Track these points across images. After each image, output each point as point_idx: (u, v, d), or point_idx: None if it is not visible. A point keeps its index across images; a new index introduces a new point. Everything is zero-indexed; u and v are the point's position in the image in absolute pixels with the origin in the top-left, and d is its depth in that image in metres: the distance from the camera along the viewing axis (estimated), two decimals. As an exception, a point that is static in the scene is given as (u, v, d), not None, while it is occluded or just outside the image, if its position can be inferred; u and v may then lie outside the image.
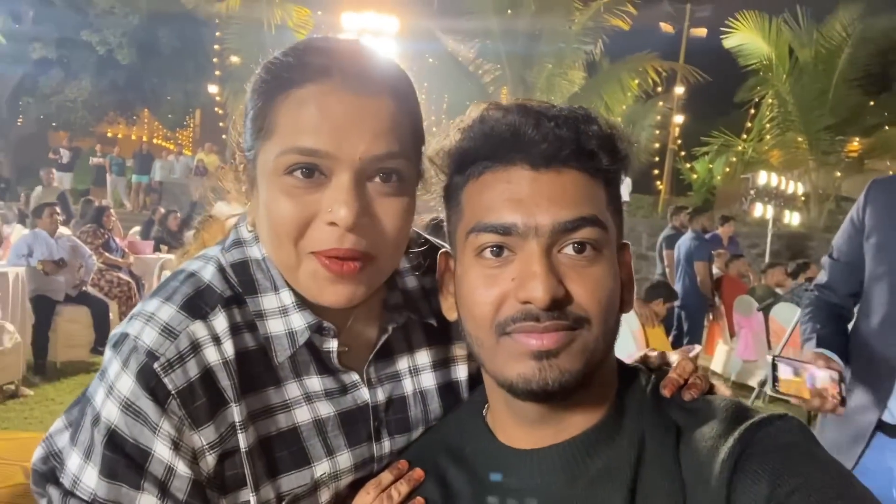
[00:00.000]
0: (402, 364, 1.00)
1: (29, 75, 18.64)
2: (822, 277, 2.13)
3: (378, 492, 0.90)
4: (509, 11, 15.47)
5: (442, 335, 1.02)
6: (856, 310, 2.03)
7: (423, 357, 1.02)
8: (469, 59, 16.37)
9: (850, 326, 2.03)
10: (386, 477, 0.91)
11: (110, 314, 6.95)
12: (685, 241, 7.74)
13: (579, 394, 0.79)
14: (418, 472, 0.90)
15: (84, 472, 0.81)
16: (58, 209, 7.04)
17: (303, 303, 0.90)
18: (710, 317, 8.16)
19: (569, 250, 0.77)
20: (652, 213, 17.95)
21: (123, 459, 0.81)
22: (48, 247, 6.57)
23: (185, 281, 0.89)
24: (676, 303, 6.80)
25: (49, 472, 0.85)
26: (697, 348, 5.15)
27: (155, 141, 23.25)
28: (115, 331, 0.87)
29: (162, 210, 11.63)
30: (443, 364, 1.03)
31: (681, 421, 0.80)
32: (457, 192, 0.84)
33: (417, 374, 1.01)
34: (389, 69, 0.87)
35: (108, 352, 0.86)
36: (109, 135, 22.62)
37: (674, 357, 0.92)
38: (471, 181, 0.82)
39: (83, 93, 18.76)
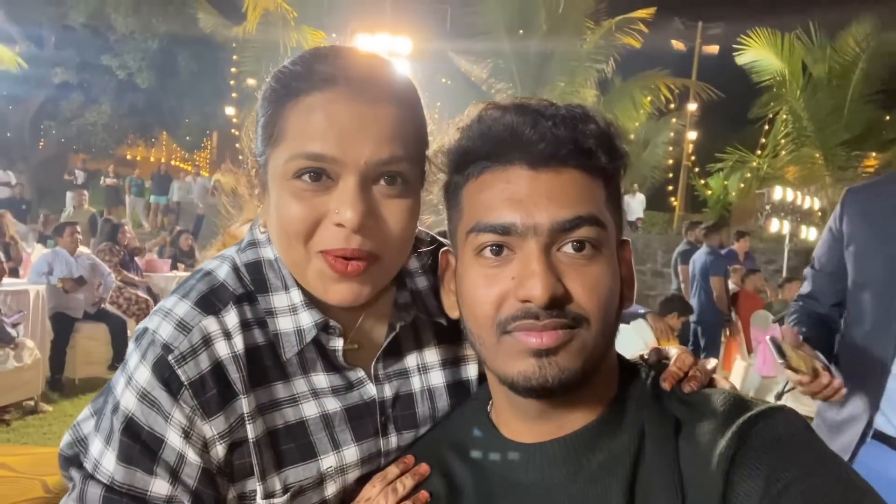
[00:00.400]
0: (411, 361, 1.02)
1: (50, 99, 19.03)
2: (805, 288, 2.12)
3: (384, 485, 0.91)
4: (521, 31, 15.58)
5: (452, 334, 1.03)
6: (842, 321, 2.01)
7: (433, 355, 1.03)
8: (482, 79, 16.47)
9: (837, 338, 2.00)
10: (392, 471, 0.93)
11: (128, 331, 7.02)
12: (700, 257, 7.68)
13: (580, 390, 0.80)
14: (424, 467, 0.91)
15: (104, 457, 0.86)
16: (78, 228, 7.17)
17: (311, 302, 0.93)
18: (728, 332, 8.08)
19: (568, 249, 0.77)
20: (667, 230, 17.89)
21: (139, 446, 0.85)
22: (68, 265, 6.68)
23: (202, 279, 0.94)
24: (692, 318, 6.75)
25: (74, 457, 0.90)
26: (714, 361, 5.09)
27: (173, 162, 23.58)
28: (139, 326, 0.92)
29: (178, 228, 11.78)
30: (452, 363, 1.05)
31: (680, 414, 0.81)
32: (457, 192, 0.85)
33: (426, 371, 1.03)
34: (394, 76, 0.90)
35: (130, 345, 0.91)
36: (129, 157, 22.99)
37: (673, 351, 0.93)
38: (470, 180, 0.83)
39: (103, 116, 19.10)
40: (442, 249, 0.93)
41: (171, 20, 17.74)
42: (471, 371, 1.06)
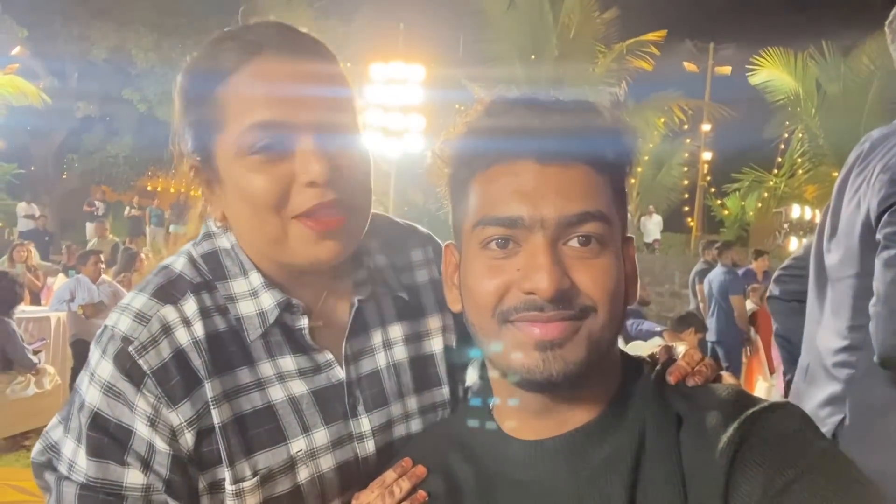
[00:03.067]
0: (376, 338, 1.03)
1: (73, 133, 19.45)
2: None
3: (381, 489, 0.92)
4: (533, 57, 15.76)
5: (414, 309, 1.05)
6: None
7: (396, 331, 1.05)
8: (495, 105, 16.61)
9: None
10: (390, 475, 0.93)
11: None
12: (717, 276, 7.58)
13: (583, 385, 0.80)
14: (420, 469, 0.91)
15: (77, 456, 0.87)
16: (102, 257, 7.28)
17: (272, 283, 0.95)
18: (748, 352, 7.96)
19: (574, 243, 0.77)
20: (684, 251, 17.75)
21: (107, 438, 0.86)
22: (89, 292, 6.76)
23: (158, 273, 0.97)
24: (712, 338, 6.68)
25: (46, 462, 0.91)
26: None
27: (192, 193, 23.90)
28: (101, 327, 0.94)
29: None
30: (416, 338, 1.06)
31: (682, 410, 0.80)
32: (463, 186, 0.85)
33: (390, 347, 1.04)
34: (308, 37, 0.94)
35: (92, 345, 0.93)
36: (149, 188, 23.32)
37: (680, 348, 0.93)
38: (477, 174, 0.82)
39: (125, 148, 19.47)
40: (446, 244, 0.93)
41: (190, 54, 18.13)
42: (435, 345, 1.07)
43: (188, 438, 0.88)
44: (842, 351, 1.63)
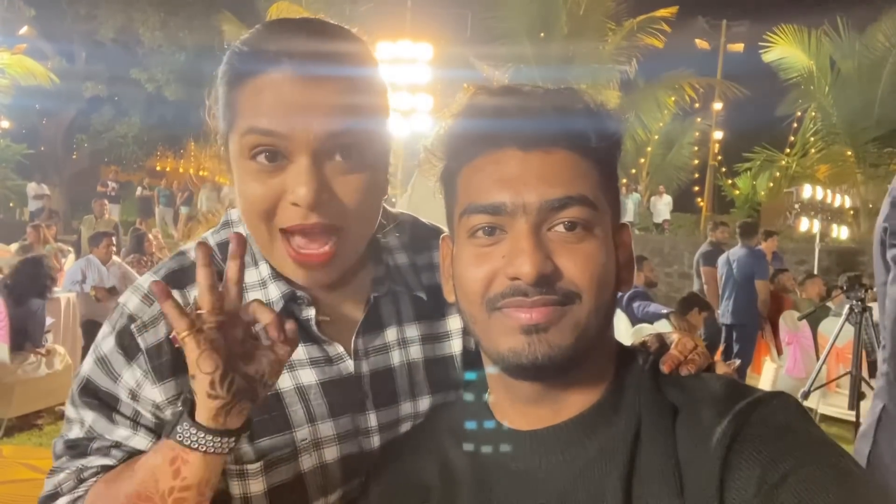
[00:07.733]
0: (391, 336, 1.03)
1: (82, 113, 19.51)
2: None
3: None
4: (542, 35, 15.59)
5: (433, 309, 1.05)
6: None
7: (413, 330, 1.04)
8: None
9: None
10: None
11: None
12: (742, 258, 7.23)
13: (575, 374, 0.80)
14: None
15: (74, 413, 0.96)
16: (114, 239, 7.34)
17: (279, 275, 0.96)
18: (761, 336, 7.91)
19: (559, 228, 0.78)
20: (694, 232, 17.67)
21: (97, 401, 0.94)
22: (100, 274, 6.84)
23: (174, 258, 1.00)
24: (729, 320, 6.63)
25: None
26: (737, 362, 5.05)
27: (201, 173, 23.97)
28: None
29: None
30: (434, 338, 1.05)
31: (677, 400, 0.80)
32: (452, 178, 0.86)
33: (406, 346, 1.03)
34: (343, 46, 0.91)
35: (106, 320, 0.98)
36: (158, 168, 23.40)
37: (673, 337, 0.92)
38: (465, 166, 0.84)
39: (133, 128, 19.53)
40: (442, 235, 0.93)
41: (197, 33, 18.05)
42: (454, 346, 1.06)
43: (168, 415, 0.91)
44: (885, 350, 1.68)
